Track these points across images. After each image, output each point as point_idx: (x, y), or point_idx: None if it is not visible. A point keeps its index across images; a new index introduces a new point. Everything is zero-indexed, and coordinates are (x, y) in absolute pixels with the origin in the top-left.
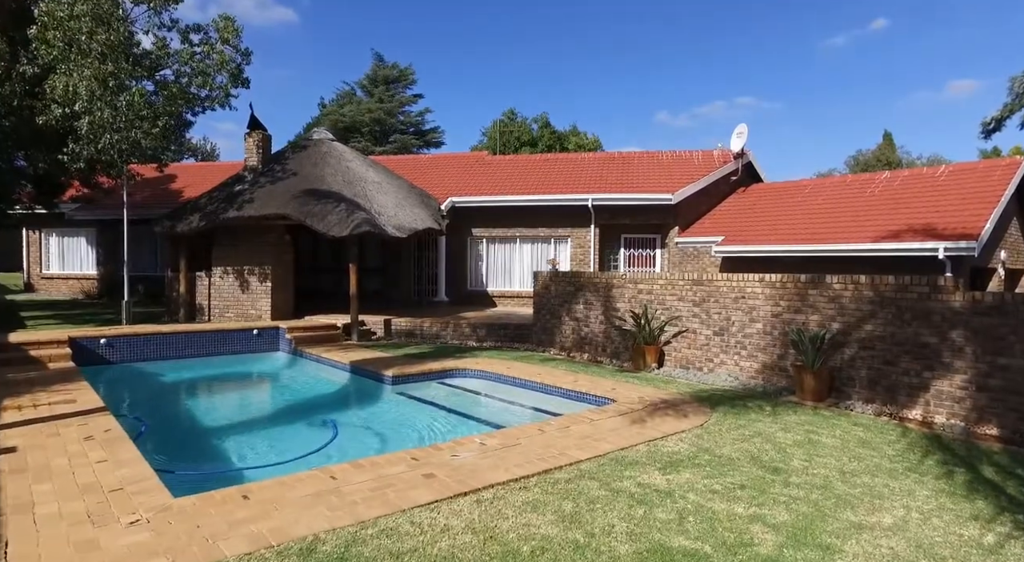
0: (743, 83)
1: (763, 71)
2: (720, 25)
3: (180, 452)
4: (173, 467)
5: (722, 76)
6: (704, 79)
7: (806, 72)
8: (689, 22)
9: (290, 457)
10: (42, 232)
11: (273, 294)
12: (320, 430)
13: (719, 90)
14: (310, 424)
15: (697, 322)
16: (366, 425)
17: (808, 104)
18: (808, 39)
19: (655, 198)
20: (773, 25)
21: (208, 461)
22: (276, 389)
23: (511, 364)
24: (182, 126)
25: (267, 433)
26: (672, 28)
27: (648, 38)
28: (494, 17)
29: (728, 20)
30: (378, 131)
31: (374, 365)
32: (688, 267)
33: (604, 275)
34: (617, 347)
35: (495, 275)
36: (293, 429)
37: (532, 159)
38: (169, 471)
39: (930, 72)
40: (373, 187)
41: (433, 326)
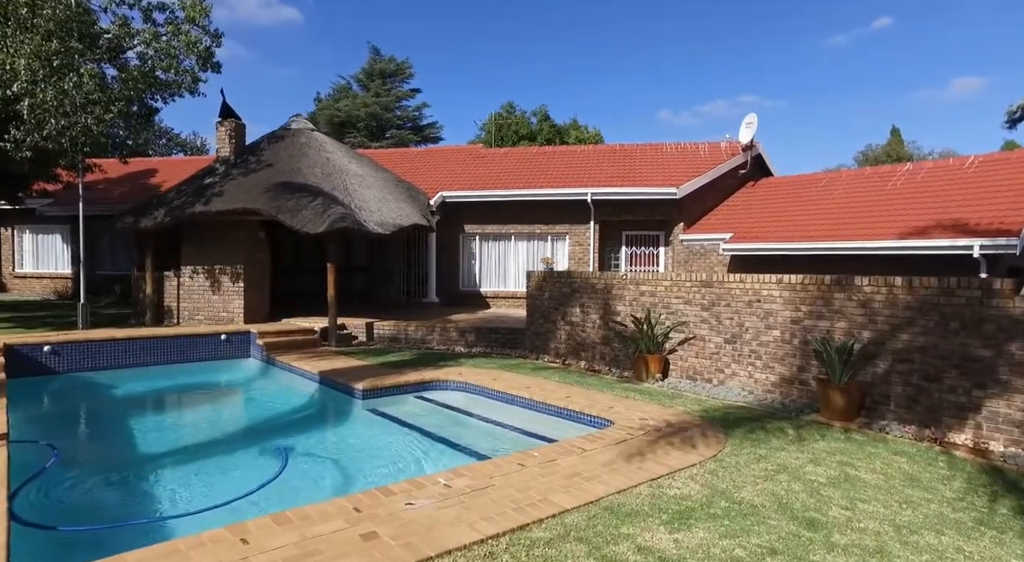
0: (745, 81)
1: (766, 70)
2: (722, 23)
3: (81, 495)
4: (58, 520)
5: (724, 74)
6: (706, 77)
7: (809, 71)
8: (691, 21)
9: (216, 502)
10: (15, 229)
11: (246, 295)
12: (268, 461)
13: (721, 89)
14: (259, 452)
15: (706, 328)
16: (324, 453)
17: (811, 102)
18: (810, 38)
19: (658, 192)
20: (776, 24)
21: (112, 508)
22: (231, 406)
23: (498, 375)
24: (148, 114)
25: (204, 465)
26: (673, 26)
27: (648, 36)
28: (493, 12)
29: (730, 18)
30: (374, 126)
31: (345, 376)
32: (694, 266)
33: (603, 275)
34: (617, 355)
35: (489, 275)
36: (236, 460)
37: (528, 152)
38: (50, 527)
39: (934, 70)
40: (355, 180)
41: (419, 330)
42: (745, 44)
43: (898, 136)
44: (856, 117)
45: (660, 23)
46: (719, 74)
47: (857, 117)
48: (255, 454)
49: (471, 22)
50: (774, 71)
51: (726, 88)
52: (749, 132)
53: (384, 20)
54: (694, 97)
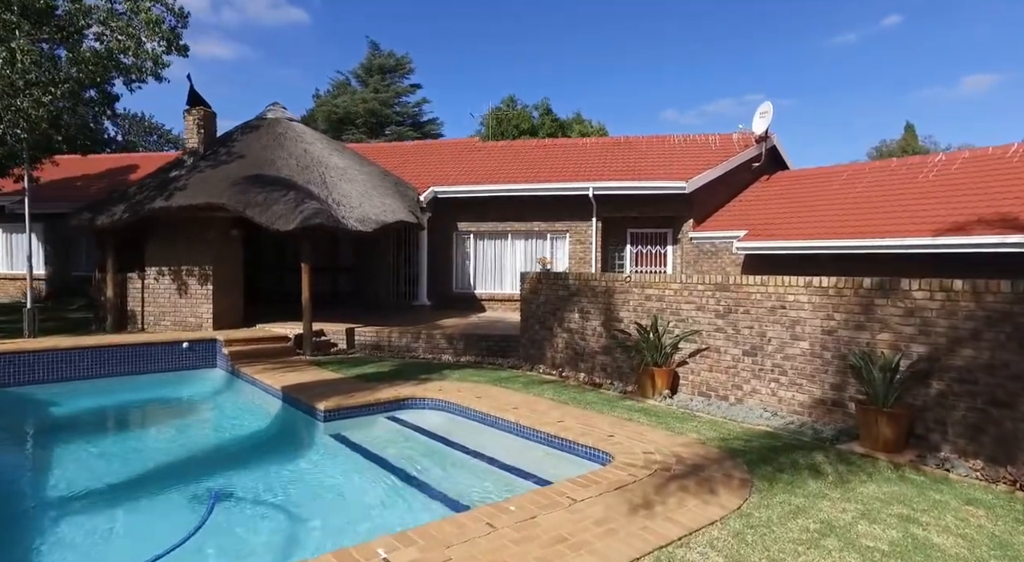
0: (752, 80)
1: (772, 69)
2: (726, 23)
3: None
4: None
5: (730, 73)
6: (711, 77)
7: (816, 70)
8: (694, 20)
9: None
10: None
11: (215, 298)
12: (189, 509)
13: (726, 88)
14: (182, 497)
15: (721, 338)
16: (265, 496)
17: (818, 101)
18: (817, 37)
19: (666, 187)
20: (781, 23)
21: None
22: (172, 429)
23: (485, 391)
24: (106, 101)
25: (108, 515)
26: (677, 26)
27: (651, 36)
28: (495, 12)
29: (734, 17)
30: (373, 122)
31: (310, 392)
32: (704, 266)
33: (604, 277)
34: (620, 366)
35: (484, 276)
36: (152, 506)
37: (527, 145)
38: None
39: (943, 68)
40: (335, 173)
41: (403, 337)
42: (750, 43)
43: (912, 132)
44: (864, 116)
45: (663, 23)
46: (724, 73)
47: (864, 116)
48: (177, 500)
49: (473, 22)
50: (780, 70)
51: (731, 87)
52: (763, 122)
53: (386, 19)
54: (699, 96)
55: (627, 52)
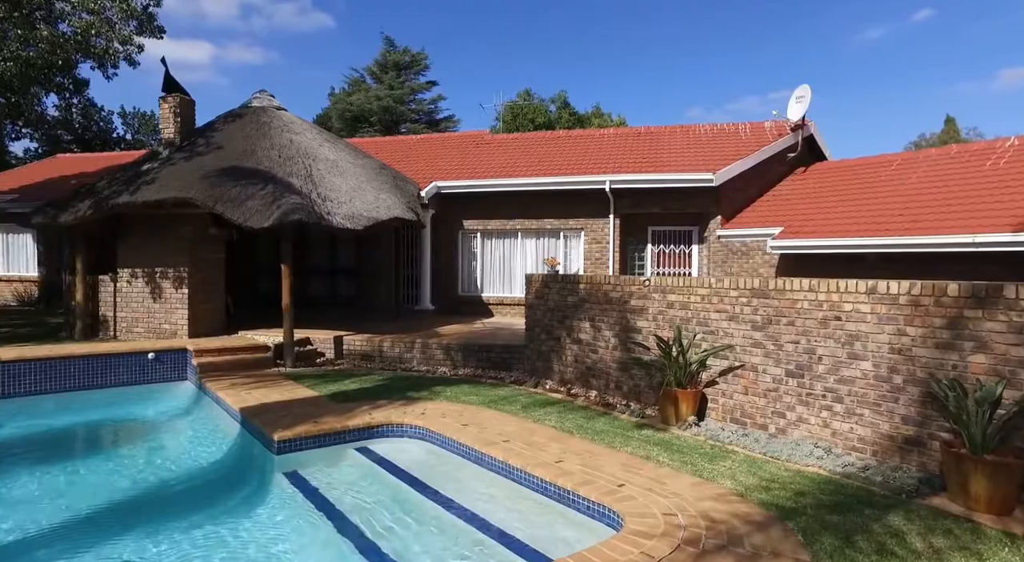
0: (779, 77)
1: (802, 65)
2: (755, 18)
3: None
4: None
5: (758, 70)
6: (738, 74)
7: (847, 65)
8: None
9: None
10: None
11: (192, 303)
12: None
13: (754, 84)
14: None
15: (759, 354)
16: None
17: (849, 97)
18: (847, 32)
19: (691, 179)
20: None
21: None
22: (103, 464)
23: (476, 414)
24: (74, 85)
25: None
26: (703, 21)
27: (677, 31)
28: (514, 9)
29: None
30: (388, 120)
31: (271, 416)
32: (734, 267)
33: (619, 281)
34: (638, 385)
35: (491, 278)
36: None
37: (540, 137)
38: None
39: (979, 62)
40: (324, 166)
41: (396, 346)
42: (778, 39)
43: (953, 124)
44: (896, 112)
45: (688, 19)
46: (751, 70)
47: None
48: None
49: (490, 18)
50: (810, 66)
51: (759, 84)
52: (800, 108)
53: (402, 14)
54: (726, 94)
55: (649, 48)
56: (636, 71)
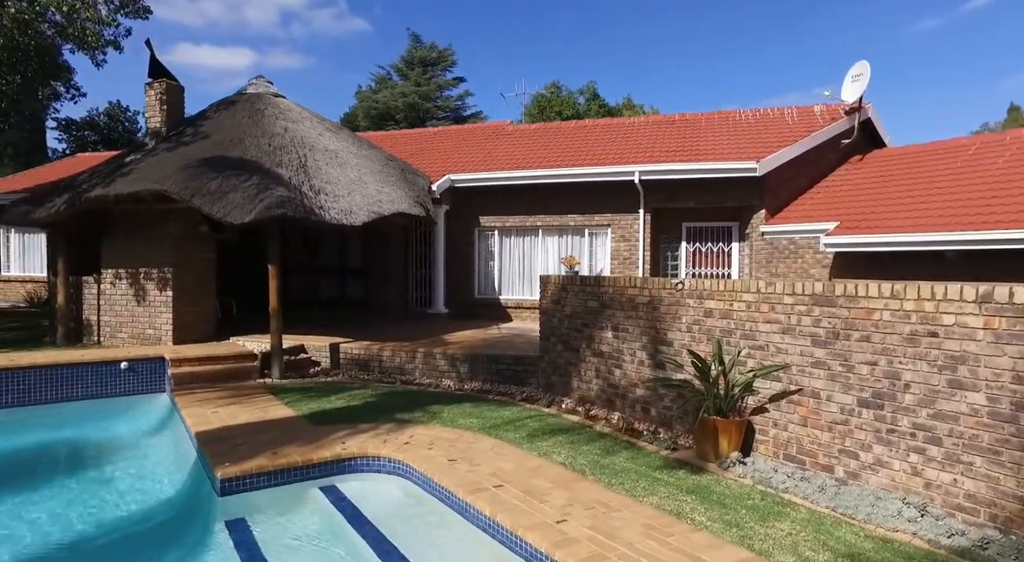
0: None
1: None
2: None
3: None
4: None
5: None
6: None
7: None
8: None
9: None
10: (1, 228)
11: (177, 307)
12: None
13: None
14: None
15: (822, 377)
16: None
17: (899, 90)
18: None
19: (731, 168)
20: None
21: None
22: (19, 498)
23: (471, 444)
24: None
25: None
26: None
27: (714, 23)
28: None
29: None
30: (414, 117)
31: (226, 443)
32: (780, 267)
33: (647, 283)
34: (669, 408)
35: (510, 279)
36: None
37: (564, 127)
38: None
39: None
40: (322, 156)
41: (397, 355)
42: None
43: (1018, 112)
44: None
45: (725, 10)
46: (792, 64)
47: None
48: None
49: (519, 10)
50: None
51: (801, 80)
52: (857, 88)
53: (434, 13)
54: (766, 90)
55: (685, 42)
56: (669, 64)
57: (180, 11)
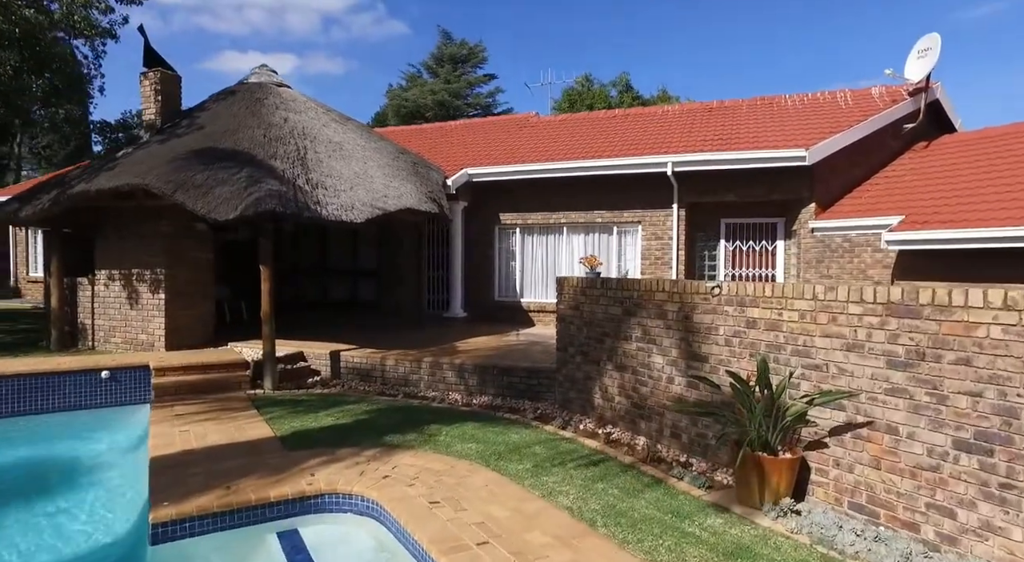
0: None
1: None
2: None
3: None
4: None
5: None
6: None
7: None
8: None
9: None
10: (29, 229)
11: (170, 310)
12: None
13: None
14: None
15: (902, 408)
16: None
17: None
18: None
19: (777, 157)
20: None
21: None
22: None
23: (464, 478)
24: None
25: None
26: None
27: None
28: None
29: None
30: (443, 114)
31: (177, 472)
32: (833, 268)
33: (677, 288)
34: (704, 433)
35: (532, 281)
36: None
37: (593, 117)
38: None
39: None
40: (325, 148)
41: (400, 365)
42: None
43: None
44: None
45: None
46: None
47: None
48: None
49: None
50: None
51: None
52: (923, 65)
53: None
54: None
55: (728, 28)
56: (710, 52)
57: (226, 21)
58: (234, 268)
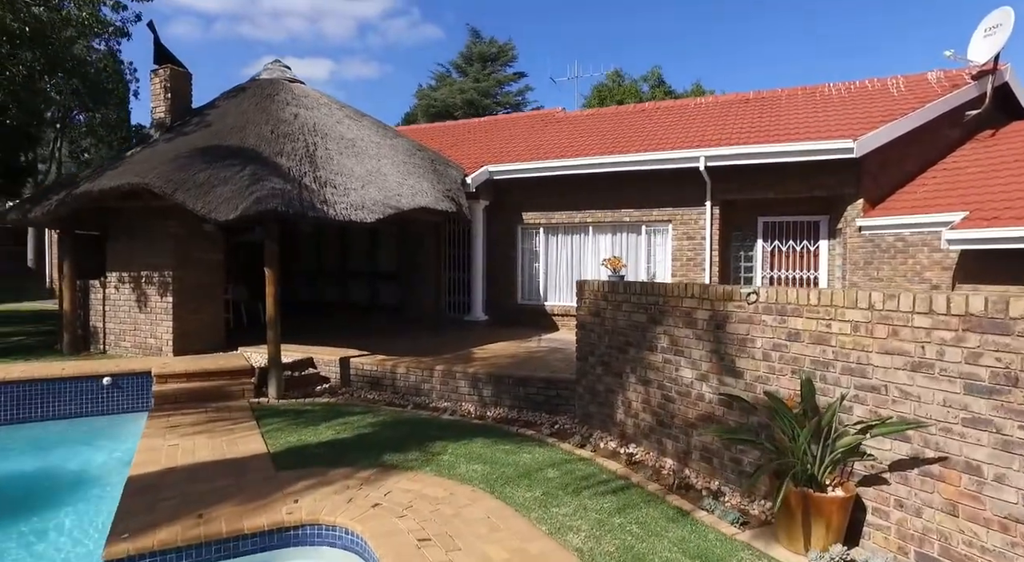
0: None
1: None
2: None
3: None
4: None
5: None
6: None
7: None
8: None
9: None
10: None
11: (178, 314)
12: None
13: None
14: None
15: (985, 443)
16: None
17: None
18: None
19: (821, 149)
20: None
21: None
22: None
23: (463, 510)
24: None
25: None
26: None
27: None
28: None
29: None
30: (472, 113)
31: (148, 497)
32: (884, 269)
33: (707, 293)
34: (738, 460)
35: (556, 283)
36: None
37: (622, 111)
38: None
39: None
40: (336, 145)
41: (412, 373)
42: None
43: None
44: None
45: None
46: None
47: None
48: None
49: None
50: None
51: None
52: (991, 44)
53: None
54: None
55: (767, 21)
56: (747, 47)
57: (265, 29)
58: (252, 269)
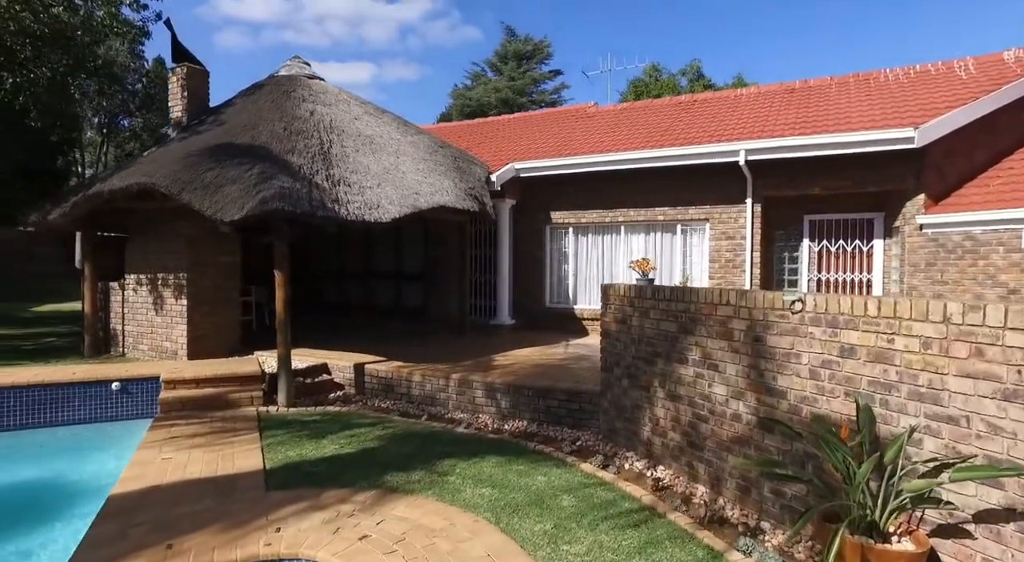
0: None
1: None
2: None
3: None
4: None
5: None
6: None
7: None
8: None
9: None
10: None
11: (192, 317)
12: None
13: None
14: None
15: None
16: None
17: None
18: None
19: (876, 140)
20: None
21: None
22: None
23: (464, 539)
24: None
25: None
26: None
27: None
28: None
29: None
30: (507, 112)
31: (122, 522)
32: (949, 272)
33: (745, 300)
34: (780, 492)
35: (587, 285)
36: None
37: (655, 105)
38: None
39: None
40: (354, 143)
41: (428, 381)
42: None
43: None
44: None
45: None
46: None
47: None
48: None
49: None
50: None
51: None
52: None
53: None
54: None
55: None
56: (790, 38)
57: (308, 34)
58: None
